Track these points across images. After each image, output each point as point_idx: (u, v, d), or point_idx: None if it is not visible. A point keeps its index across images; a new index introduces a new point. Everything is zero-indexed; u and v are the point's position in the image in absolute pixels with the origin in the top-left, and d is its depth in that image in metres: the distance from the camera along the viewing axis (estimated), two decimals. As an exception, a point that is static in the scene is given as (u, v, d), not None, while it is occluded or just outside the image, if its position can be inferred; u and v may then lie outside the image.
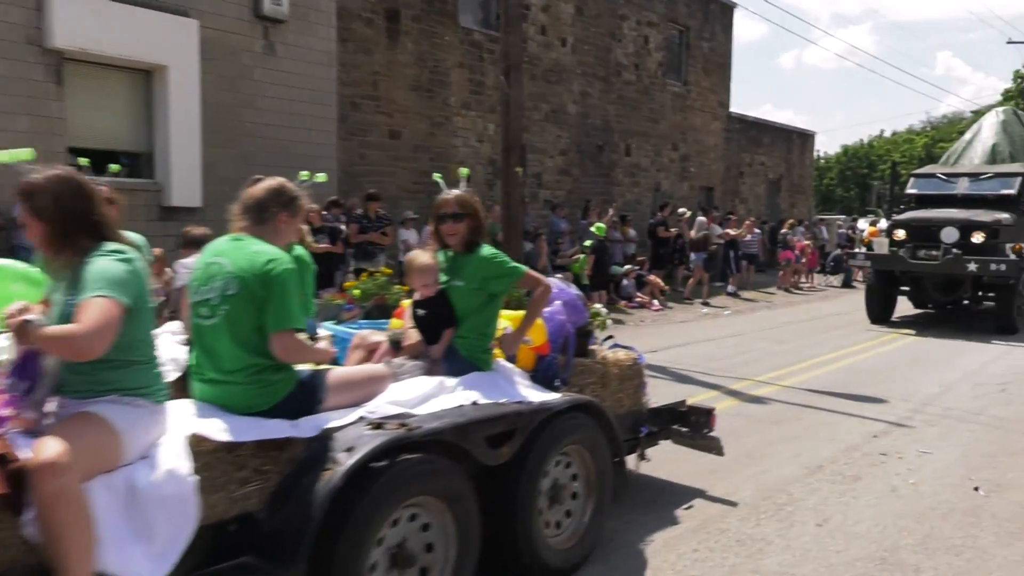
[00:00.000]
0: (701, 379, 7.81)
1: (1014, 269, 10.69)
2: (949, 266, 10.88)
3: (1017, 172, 12.10)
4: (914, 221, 11.48)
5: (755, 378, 7.88)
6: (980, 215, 11.30)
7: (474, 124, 14.02)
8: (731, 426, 6.00)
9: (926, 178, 12.81)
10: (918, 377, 8.15)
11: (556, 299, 3.88)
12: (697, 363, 8.67)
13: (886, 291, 12.05)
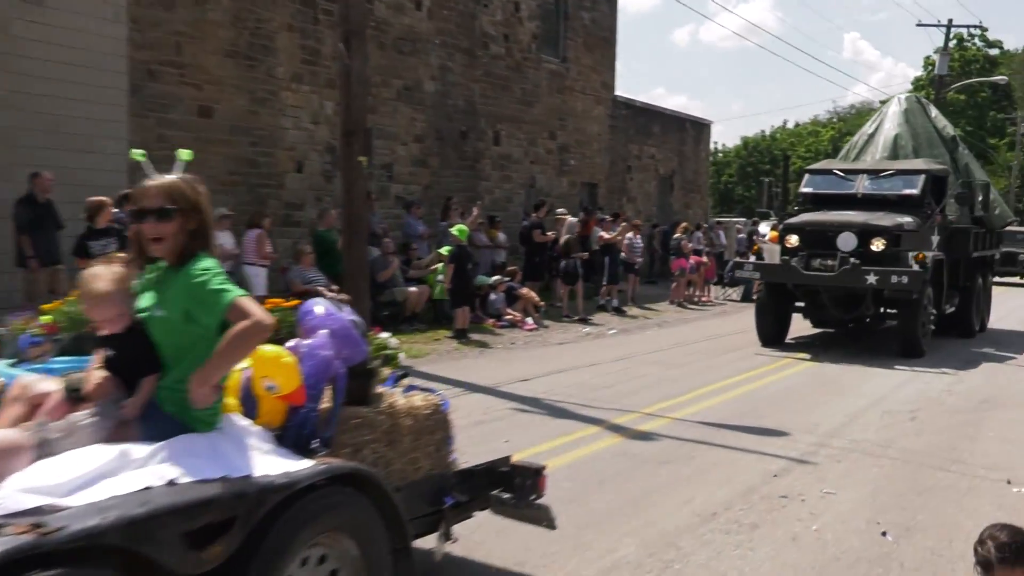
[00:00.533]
0: (580, 412, 8.06)
1: (917, 281, 11.24)
2: (846, 278, 11.38)
3: (920, 169, 12.90)
4: (808, 225, 12.07)
5: (642, 410, 8.20)
6: (880, 218, 11.94)
7: (308, 101, 13.85)
8: (614, 469, 6.23)
9: (822, 175, 13.48)
10: (822, 406, 8.71)
11: (321, 327, 3.39)
12: (576, 393, 8.92)
13: (779, 307, 12.65)
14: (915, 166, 13.16)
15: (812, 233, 12.02)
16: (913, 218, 12.28)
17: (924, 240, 12.33)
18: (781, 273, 12.00)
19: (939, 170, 13.21)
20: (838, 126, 62.56)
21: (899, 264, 11.62)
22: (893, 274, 11.22)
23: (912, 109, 14.79)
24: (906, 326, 11.96)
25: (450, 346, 11.96)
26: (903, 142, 14.35)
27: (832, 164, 14.25)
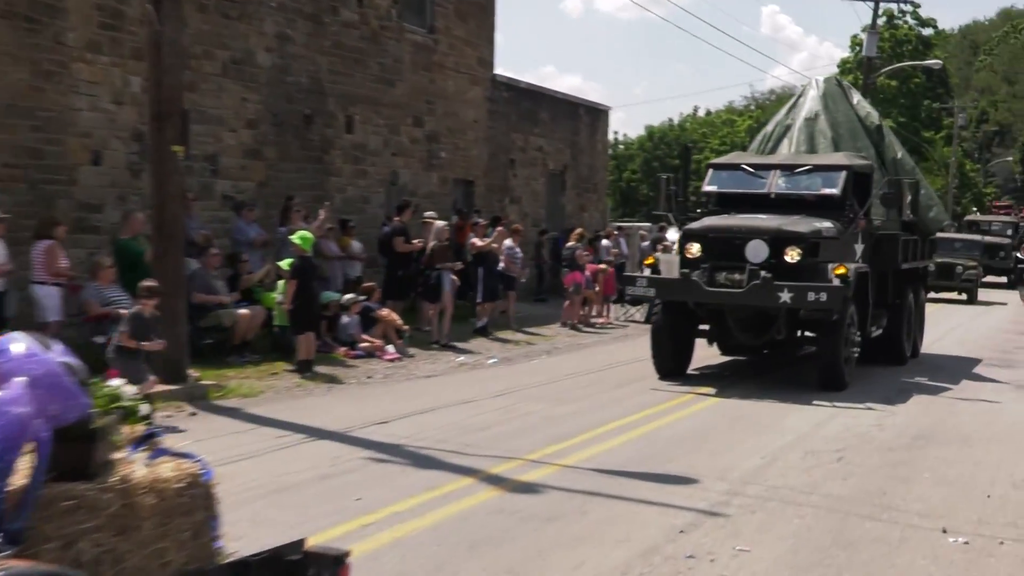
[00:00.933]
0: (451, 461, 8.08)
1: (838, 299, 11.57)
2: (756, 295, 11.67)
3: (841, 165, 13.50)
4: (711, 231, 12.39)
5: (526, 456, 8.30)
6: (796, 224, 12.29)
7: (107, 76, 13.41)
8: (489, 530, 6.21)
9: (728, 171, 13.83)
10: (736, 447, 9.05)
11: (16, 373, 3.03)
12: (447, 437, 8.95)
13: (679, 331, 12.87)
14: (835, 161, 13.60)
15: (716, 241, 12.27)
16: (833, 223, 12.66)
17: (846, 249, 12.70)
18: (680, 290, 12.18)
19: (863, 166, 13.71)
20: (756, 114, 65.26)
21: (817, 278, 11.88)
22: (810, 290, 11.51)
23: (832, 93, 15.32)
24: (826, 352, 12.24)
25: (291, 381, 11.92)
26: (822, 132, 14.82)
27: (740, 158, 14.63)
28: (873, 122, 15.31)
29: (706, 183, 13.96)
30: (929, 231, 15.88)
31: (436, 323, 15.51)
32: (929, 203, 15.57)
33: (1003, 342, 19.29)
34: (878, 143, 15.07)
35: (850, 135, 14.87)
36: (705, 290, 11.96)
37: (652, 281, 12.46)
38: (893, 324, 14.61)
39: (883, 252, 13.79)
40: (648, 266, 12.89)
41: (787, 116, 15.44)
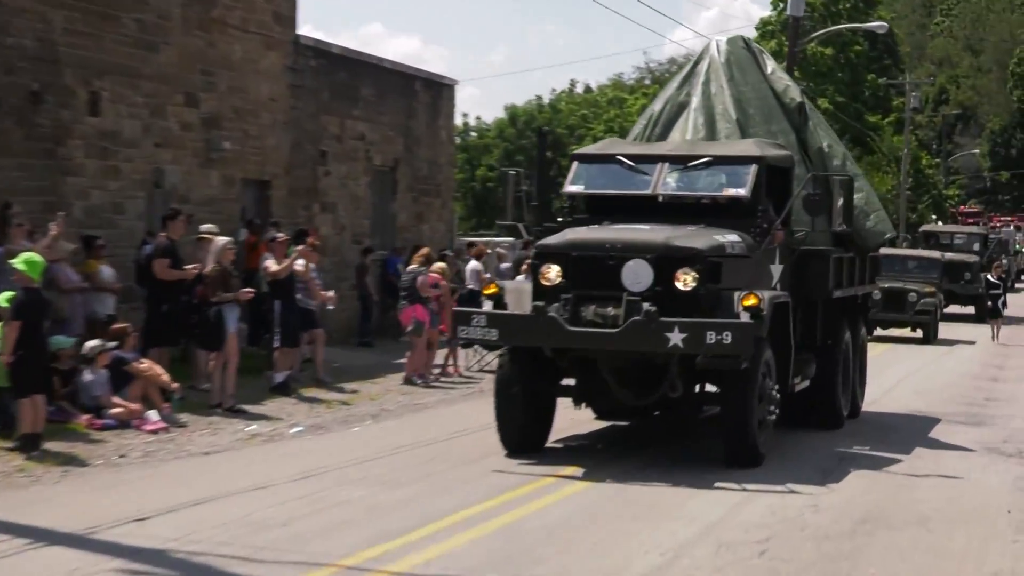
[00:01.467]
0: (236, 571, 7.98)
1: (747, 341, 11.60)
2: (635, 337, 11.65)
3: (750, 156, 13.49)
4: (575, 248, 12.40)
5: (341, 560, 8.25)
6: (690, 237, 12.39)
7: None
8: None
9: (600, 164, 13.96)
10: (625, 541, 9.11)
11: None
12: (233, 537, 8.83)
13: (533, 388, 12.74)
14: (743, 151, 13.84)
15: (582, 262, 12.29)
16: (741, 236, 12.86)
17: (759, 272, 12.97)
18: (532, 331, 12.09)
19: (779, 158, 14.03)
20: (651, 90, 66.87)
21: (720, 312, 12.00)
22: (710, 329, 11.53)
23: (738, 61, 15.65)
24: (734, 414, 12.36)
25: (10, 464, 11.64)
26: (724, 113, 15.05)
27: (615, 147, 14.77)
28: (793, 99, 15.52)
29: (569, 181, 13.99)
30: (869, 246, 16.24)
31: (218, 378, 15.40)
32: (868, 208, 15.86)
33: (970, 392, 20.13)
34: (800, 127, 15.34)
35: (762, 116, 15.13)
36: (567, 331, 11.84)
37: (494, 319, 12.29)
38: (824, 373, 14.82)
39: (809, 275, 13.98)
40: (488, 297, 12.80)
41: (680, 91, 15.66)
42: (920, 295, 29.17)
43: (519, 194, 14.11)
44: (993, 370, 23.95)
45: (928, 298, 29.50)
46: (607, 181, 13.88)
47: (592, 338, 11.95)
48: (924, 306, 29.30)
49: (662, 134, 15.35)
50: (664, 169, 13.57)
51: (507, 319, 12.35)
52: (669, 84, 16.48)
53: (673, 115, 15.46)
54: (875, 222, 16.02)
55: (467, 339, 12.83)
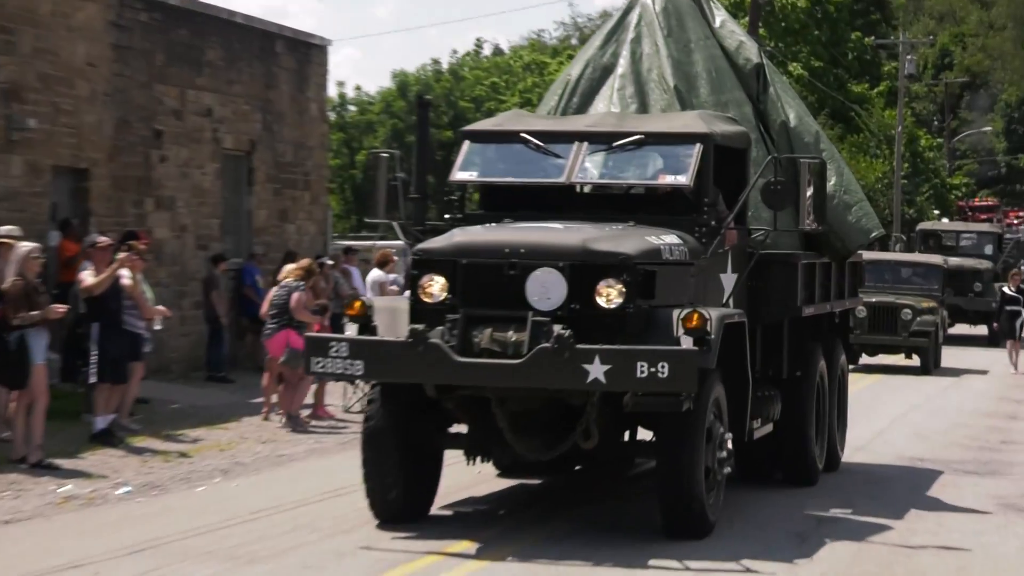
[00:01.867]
0: None
1: (688, 374, 11.27)
2: (542, 371, 11.35)
3: (694, 133, 13.24)
4: (465, 253, 12.10)
5: None
6: (616, 238, 12.25)
7: None
8: None
9: (498, 143, 13.84)
10: None
11: None
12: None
13: (412, 438, 12.57)
14: (684, 127, 13.58)
15: (474, 273, 12.00)
16: (682, 236, 12.73)
17: (706, 283, 12.83)
18: (407, 362, 11.74)
19: (731, 135, 13.83)
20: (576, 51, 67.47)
21: (654, 336, 11.74)
22: (641, 359, 11.22)
23: (678, 10, 15.52)
24: (673, 470, 12.02)
25: None
26: (660, 79, 14.98)
27: (521, 121, 14.55)
28: (749, 60, 15.54)
29: (458, 167, 13.79)
30: (850, 248, 15.93)
31: (21, 425, 15.35)
32: (848, 199, 15.67)
33: (983, 433, 20.36)
34: (758, 96, 15.35)
35: (709, 83, 15.08)
36: (453, 362, 11.51)
37: (358, 348, 12.00)
38: (793, 414, 14.77)
39: (771, 287, 14.02)
40: (352, 318, 12.48)
41: (603, 51, 15.60)
42: (916, 312, 29.09)
43: (394, 183, 13.55)
44: (1011, 405, 24.40)
45: (926, 315, 29.35)
46: (508, 166, 13.75)
47: (487, 372, 11.62)
48: (921, 326, 29.17)
49: (581, 106, 15.24)
50: (582, 151, 13.32)
51: (375, 347, 12.03)
52: (591, 42, 16.24)
53: (595, 82, 15.35)
54: (857, 217, 15.73)
55: (323, 373, 12.56)
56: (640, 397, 11.59)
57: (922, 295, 30.28)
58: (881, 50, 65.84)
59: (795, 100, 16.08)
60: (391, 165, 13.67)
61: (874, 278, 29.80)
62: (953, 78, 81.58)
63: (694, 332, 11.52)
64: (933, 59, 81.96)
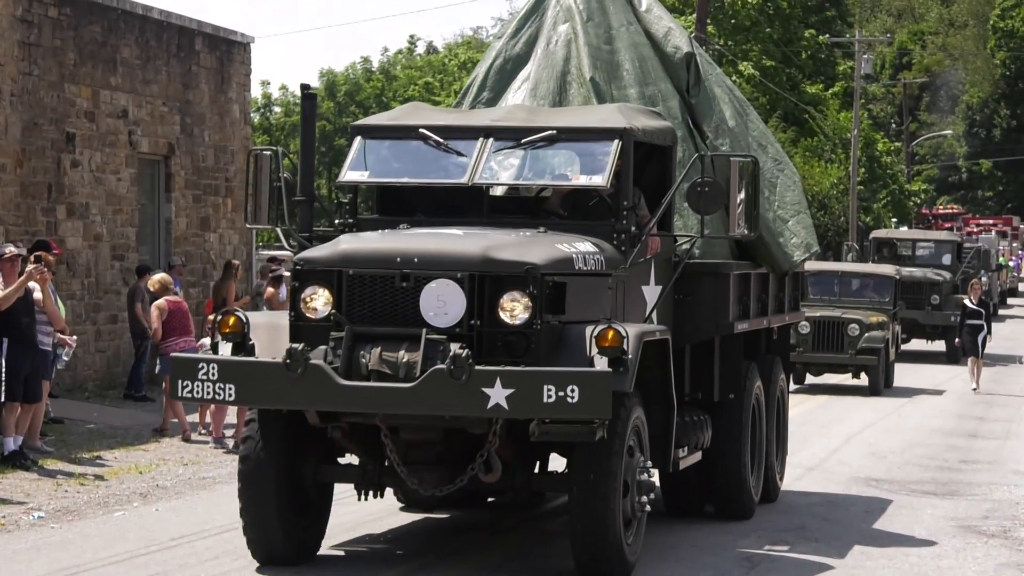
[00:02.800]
0: None
1: (601, 398, 10.71)
2: (436, 395, 10.78)
3: (611, 128, 12.74)
4: (351, 262, 11.56)
5: None
6: (521, 245, 11.73)
7: None
8: None
9: (394, 140, 13.45)
10: None
11: None
12: None
13: (294, 470, 12.06)
14: (601, 121, 13.14)
15: (361, 284, 11.48)
16: (598, 244, 12.30)
17: (625, 296, 12.46)
18: (285, 386, 11.11)
19: (654, 131, 13.33)
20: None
21: (563, 356, 11.30)
22: (548, 382, 10.73)
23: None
24: (586, 506, 11.58)
25: None
26: (576, 70, 14.70)
27: (419, 114, 14.00)
28: (679, 49, 15.10)
29: (348, 166, 13.26)
30: (786, 263, 15.64)
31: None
32: (789, 204, 15.56)
33: (941, 452, 20.64)
34: (686, 88, 14.96)
35: (633, 73, 14.74)
36: (337, 386, 10.96)
37: (229, 370, 11.39)
38: (724, 441, 14.46)
39: (699, 300, 13.72)
40: (226, 336, 11.82)
41: (514, 40, 15.30)
42: (864, 327, 28.86)
43: (277, 185, 12.95)
44: (971, 423, 24.71)
45: (875, 331, 29.09)
46: (405, 166, 13.32)
47: (374, 397, 11.06)
48: (869, 342, 28.93)
49: (491, 103, 14.96)
50: (487, 148, 12.82)
51: (248, 370, 11.42)
52: (503, 30, 15.98)
53: (507, 75, 15.09)
54: (797, 228, 15.67)
55: (190, 399, 12.02)
56: (548, 425, 11.18)
57: (871, 309, 30.01)
58: (836, 49, 66.11)
59: (733, 95, 15.86)
60: (272, 163, 13.03)
61: (820, 291, 29.95)
62: (912, 78, 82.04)
63: (609, 351, 11.05)
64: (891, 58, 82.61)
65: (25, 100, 22.69)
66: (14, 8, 22.31)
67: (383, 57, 74.60)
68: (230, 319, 11.82)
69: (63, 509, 14.75)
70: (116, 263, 24.42)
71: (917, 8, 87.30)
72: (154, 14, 26.97)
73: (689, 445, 13.48)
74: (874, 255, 41.29)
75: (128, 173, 25.45)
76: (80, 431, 18.23)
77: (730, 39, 58.33)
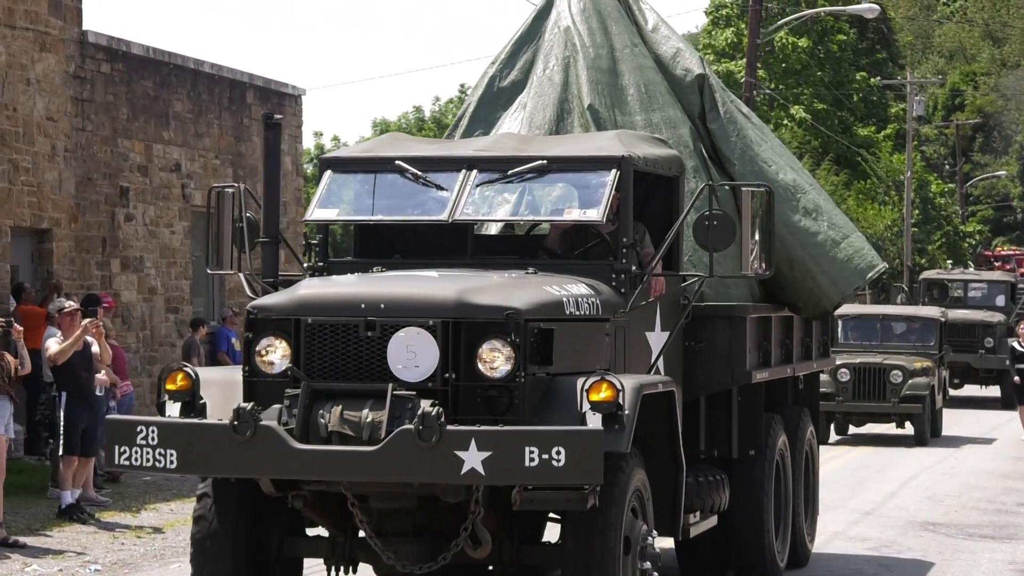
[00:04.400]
0: None
1: (591, 461, 9.49)
2: (401, 460, 9.54)
3: (607, 157, 11.52)
4: (309, 310, 10.33)
5: None
6: (503, 288, 10.56)
7: None
8: None
9: (367, 173, 12.03)
10: None
11: None
12: None
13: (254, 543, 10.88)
14: (597, 149, 11.95)
15: (321, 335, 10.23)
16: (593, 285, 11.14)
17: (627, 343, 11.31)
18: (233, 452, 9.84)
19: (658, 160, 12.10)
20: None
21: (552, 412, 10.07)
22: (530, 444, 9.48)
23: (600, 13, 14.10)
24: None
25: None
26: (576, 95, 13.67)
27: (396, 145, 12.81)
28: (689, 71, 14.03)
29: (316, 202, 12.11)
30: (843, 292, 14.66)
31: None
32: (841, 225, 14.44)
33: (999, 495, 20.48)
34: (702, 115, 13.85)
35: (639, 99, 13.77)
36: (291, 450, 9.73)
37: (170, 434, 10.08)
38: (744, 503, 13.45)
39: (713, 347, 12.77)
40: (172, 395, 10.60)
41: (509, 65, 14.31)
42: (907, 373, 27.52)
43: (240, 225, 11.87)
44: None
45: (919, 377, 27.69)
46: (379, 202, 12.10)
47: (334, 463, 9.80)
48: (913, 389, 27.52)
49: (485, 134, 13.73)
50: (470, 181, 11.66)
51: (191, 433, 10.08)
52: (495, 57, 14.63)
53: (499, 105, 14.12)
54: (847, 254, 14.29)
55: (128, 467, 10.43)
56: (531, 492, 10.03)
57: (915, 354, 28.73)
58: (888, 91, 65.79)
59: (754, 123, 14.70)
60: (236, 200, 11.89)
61: (860, 335, 29.16)
62: (965, 119, 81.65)
63: (602, 407, 9.79)
64: (943, 99, 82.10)
65: (79, 155, 22.87)
66: (67, 65, 22.52)
67: (434, 106, 74.54)
68: (177, 375, 10.55)
69: (119, 562, 14.92)
70: (171, 315, 24.63)
71: (969, 49, 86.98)
72: (205, 68, 27.36)
73: (703, 508, 12.43)
74: (924, 297, 40.00)
75: (181, 226, 25.62)
76: (136, 483, 18.31)
77: (781, 83, 58.08)
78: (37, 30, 21.97)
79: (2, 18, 21.20)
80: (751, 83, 38.93)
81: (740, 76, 45.58)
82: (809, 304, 14.22)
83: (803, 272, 13.76)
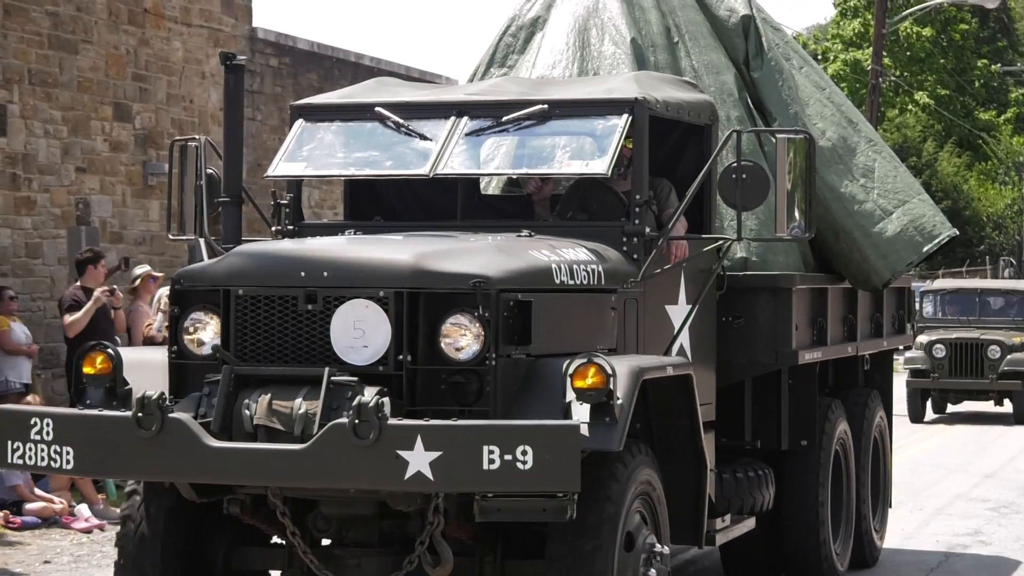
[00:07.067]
0: None
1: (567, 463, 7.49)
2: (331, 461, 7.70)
3: (616, 100, 9.49)
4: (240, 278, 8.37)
5: None
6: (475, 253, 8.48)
7: None
8: None
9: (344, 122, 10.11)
10: None
11: None
12: None
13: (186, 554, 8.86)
14: (607, 91, 9.79)
15: (255, 307, 8.28)
16: (594, 250, 9.01)
17: (638, 317, 9.27)
18: (137, 451, 7.94)
19: (685, 104, 9.95)
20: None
21: (531, 405, 8.00)
22: (490, 442, 7.47)
23: None
24: None
25: None
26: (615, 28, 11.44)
27: (381, 91, 10.65)
28: (734, 12, 11.67)
29: (283, 155, 10.21)
30: (894, 268, 12.06)
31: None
32: (892, 192, 12.08)
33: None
34: (746, 61, 11.65)
35: (680, 41, 11.58)
36: (206, 449, 7.77)
37: (67, 428, 8.17)
38: (794, 499, 11.48)
39: (753, 323, 10.68)
40: (91, 379, 8.62)
41: (529, 4, 12.14)
42: (1006, 348, 25.70)
43: (199, 183, 10.10)
44: None
45: (1019, 353, 25.82)
46: (357, 155, 10.00)
47: (252, 463, 7.78)
48: (1012, 365, 25.66)
49: (513, 60, 11.91)
50: (459, 129, 9.50)
51: (91, 427, 8.12)
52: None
53: (518, 47, 11.94)
54: (901, 225, 11.97)
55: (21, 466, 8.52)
56: (495, 500, 7.85)
57: (1014, 329, 26.62)
58: (1008, 77, 64.89)
59: (811, 66, 12.57)
60: (199, 158, 10.17)
61: (957, 310, 27.36)
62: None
63: (589, 395, 7.69)
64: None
65: (249, 143, 23.00)
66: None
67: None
68: (97, 356, 8.53)
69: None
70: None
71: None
72: (365, 61, 27.55)
73: (741, 508, 10.53)
74: (1022, 272, 37.65)
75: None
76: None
77: (906, 70, 57.70)
78: (211, 27, 22.29)
79: (179, 16, 21.54)
80: (877, 70, 38.94)
81: (867, 64, 45.67)
82: (858, 279, 11.89)
83: (849, 244, 11.59)
